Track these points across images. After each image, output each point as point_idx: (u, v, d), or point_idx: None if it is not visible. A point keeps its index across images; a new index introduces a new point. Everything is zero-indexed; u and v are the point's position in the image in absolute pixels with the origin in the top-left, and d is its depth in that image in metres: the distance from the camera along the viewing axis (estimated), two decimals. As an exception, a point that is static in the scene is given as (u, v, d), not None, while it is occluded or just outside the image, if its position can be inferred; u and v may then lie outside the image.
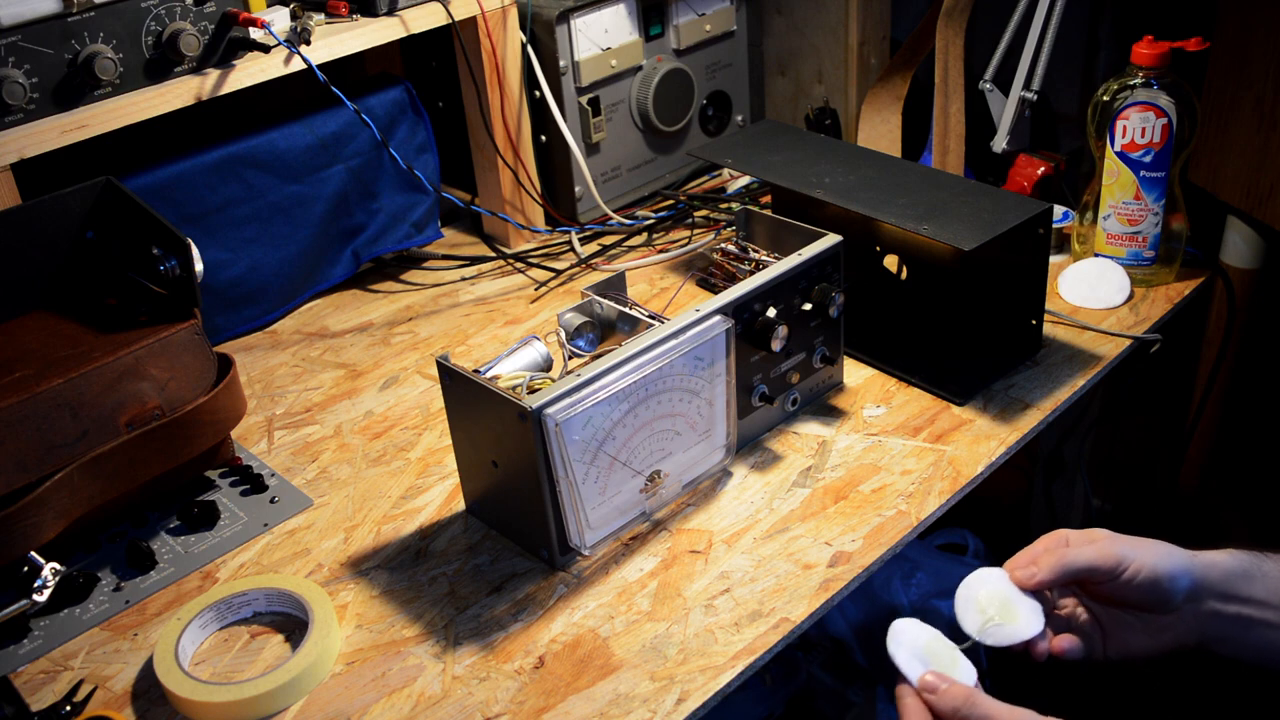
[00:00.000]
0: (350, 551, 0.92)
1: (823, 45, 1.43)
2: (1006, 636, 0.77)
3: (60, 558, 0.89)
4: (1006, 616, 0.78)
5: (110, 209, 0.99)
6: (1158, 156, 1.10)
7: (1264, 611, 0.81)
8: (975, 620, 0.78)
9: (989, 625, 0.78)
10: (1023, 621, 0.78)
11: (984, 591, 0.80)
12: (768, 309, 0.95)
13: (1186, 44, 1.08)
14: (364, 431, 1.07)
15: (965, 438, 0.98)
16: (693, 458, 0.93)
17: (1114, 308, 1.13)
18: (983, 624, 0.78)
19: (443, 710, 0.78)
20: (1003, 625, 0.78)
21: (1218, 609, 0.81)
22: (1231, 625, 0.82)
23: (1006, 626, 0.78)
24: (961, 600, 0.80)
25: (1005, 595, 0.79)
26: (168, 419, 0.91)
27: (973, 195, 1.03)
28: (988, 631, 0.78)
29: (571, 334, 0.96)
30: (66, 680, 0.82)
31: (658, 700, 0.77)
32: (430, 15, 1.19)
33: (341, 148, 1.24)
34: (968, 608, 0.79)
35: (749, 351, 0.96)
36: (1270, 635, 0.82)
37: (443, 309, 1.26)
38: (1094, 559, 0.80)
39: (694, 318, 0.89)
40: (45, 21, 0.97)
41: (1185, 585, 0.80)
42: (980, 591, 0.80)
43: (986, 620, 0.78)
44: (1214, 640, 0.82)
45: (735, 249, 1.11)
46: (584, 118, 1.35)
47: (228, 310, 1.21)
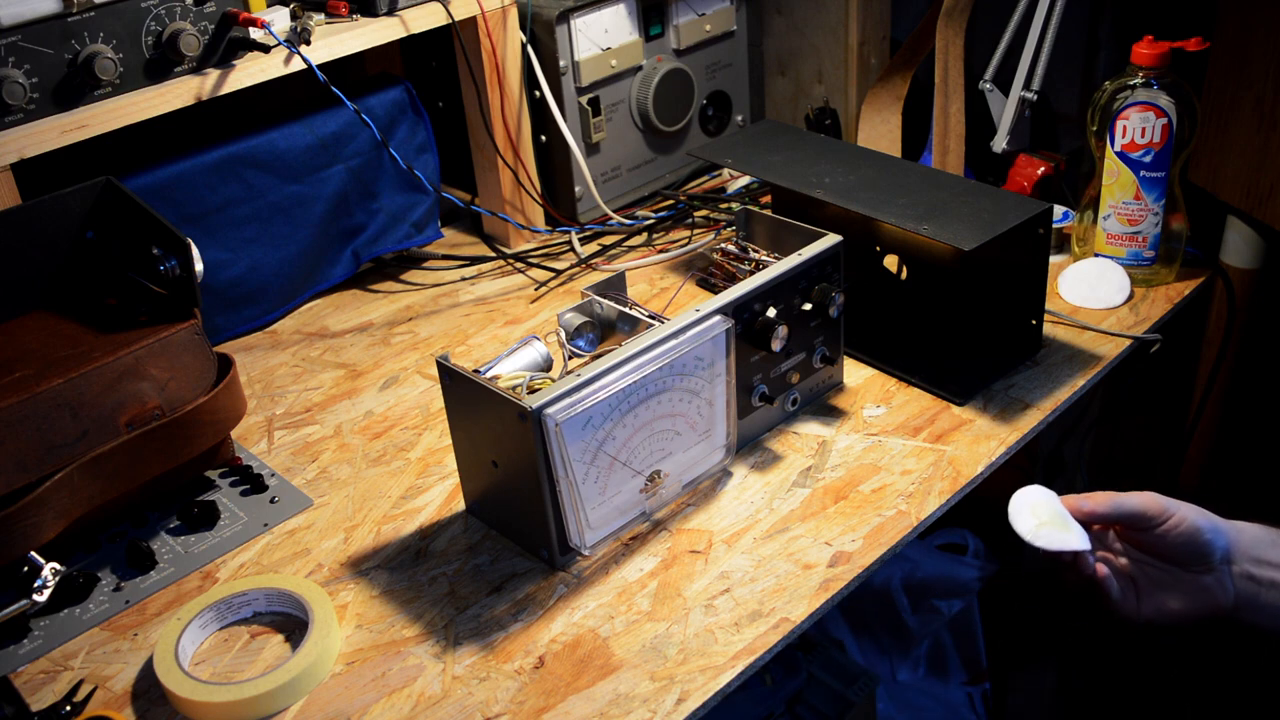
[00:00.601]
0: (350, 551, 0.92)
1: (823, 45, 1.43)
2: (1058, 542, 0.79)
3: (60, 558, 0.89)
4: (1058, 525, 0.80)
5: (110, 209, 0.99)
6: (1158, 156, 1.10)
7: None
8: (1029, 523, 0.80)
9: (1042, 528, 0.79)
10: (1074, 533, 0.79)
11: (1037, 500, 0.81)
12: (768, 309, 0.95)
13: (1186, 44, 1.08)
14: (364, 431, 1.07)
15: (965, 438, 0.98)
16: (693, 458, 0.93)
17: (1114, 308, 1.13)
18: (1035, 526, 0.79)
19: (443, 710, 0.78)
20: (1055, 531, 0.79)
21: (1251, 572, 0.84)
22: (1265, 590, 0.85)
23: (1059, 533, 0.79)
24: (1015, 506, 0.81)
25: (1056, 509, 0.81)
26: (168, 419, 0.91)
27: (973, 195, 1.03)
28: (1040, 534, 0.79)
29: (571, 334, 0.96)
30: (66, 680, 0.82)
31: (658, 700, 0.77)
32: (430, 15, 1.19)
33: (341, 148, 1.24)
34: (1021, 512, 0.81)
35: (749, 351, 0.96)
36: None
37: (443, 309, 1.26)
38: (1142, 503, 0.83)
39: (694, 318, 0.89)
40: (45, 21, 0.97)
41: (1222, 545, 0.83)
42: (1033, 500, 0.81)
43: (1040, 523, 0.79)
44: (1245, 607, 0.85)
45: (735, 249, 1.11)
46: (584, 118, 1.35)
47: (228, 310, 1.21)
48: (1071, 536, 0.79)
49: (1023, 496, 0.82)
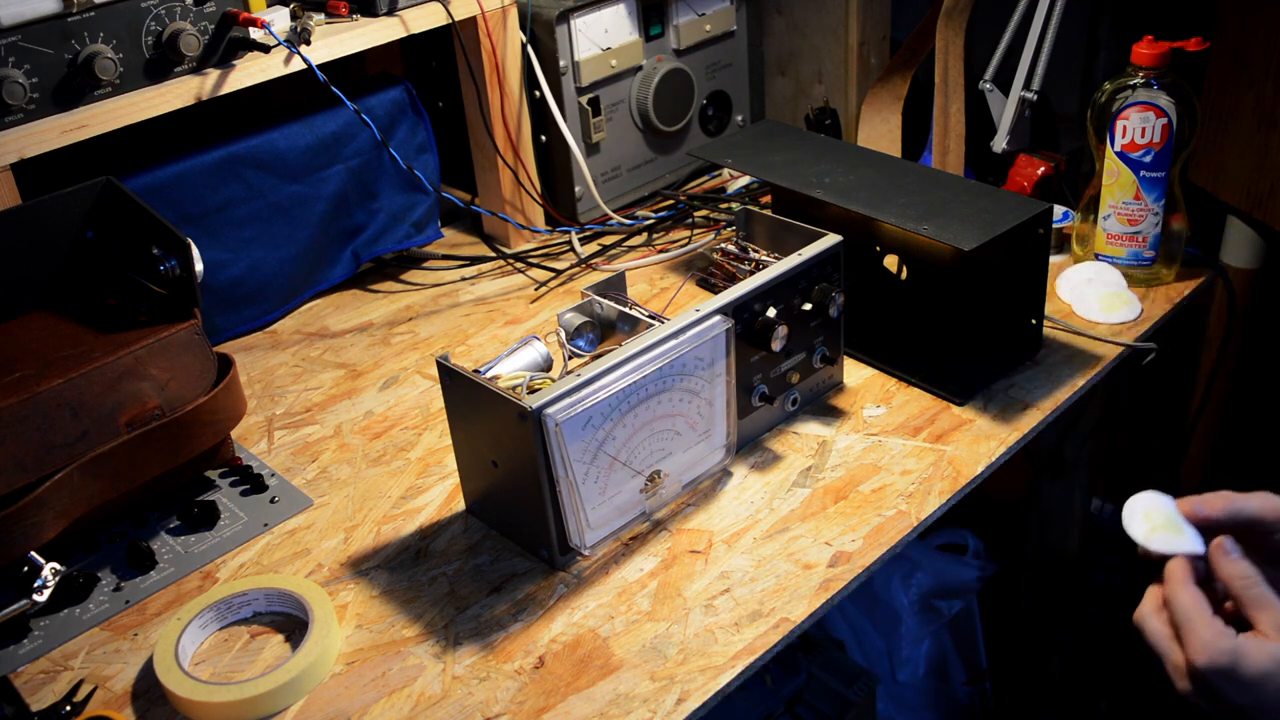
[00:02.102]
0: (350, 551, 0.92)
1: (823, 45, 1.43)
2: (1173, 545, 0.77)
3: (60, 558, 0.89)
4: (1172, 530, 0.78)
5: (110, 209, 0.99)
6: (1158, 156, 1.10)
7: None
8: (1141, 528, 0.78)
9: (1155, 532, 0.78)
10: (1188, 536, 0.78)
11: (1151, 505, 0.80)
12: (768, 309, 0.95)
13: (1186, 44, 1.08)
14: (364, 431, 1.07)
15: (965, 438, 0.98)
16: (693, 458, 0.93)
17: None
18: (1149, 531, 0.78)
19: (443, 710, 0.78)
20: (1169, 535, 0.78)
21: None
22: None
23: (1173, 537, 0.77)
24: (1129, 511, 0.80)
25: (1170, 514, 0.79)
26: (168, 419, 0.91)
27: (973, 195, 1.03)
28: (1154, 538, 0.77)
29: (571, 334, 0.96)
30: (66, 680, 0.82)
31: (658, 700, 0.77)
32: (430, 15, 1.19)
33: (341, 148, 1.24)
34: (1134, 517, 0.79)
35: (749, 351, 0.96)
36: None
37: (443, 309, 1.26)
38: (1261, 507, 0.79)
39: (694, 318, 0.89)
40: (45, 21, 0.97)
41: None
42: (1147, 505, 0.80)
43: (1153, 528, 0.78)
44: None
45: (735, 249, 1.11)
46: (584, 118, 1.35)
47: (228, 310, 1.21)
48: (1184, 540, 0.77)
49: (1137, 502, 0.81)
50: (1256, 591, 0.73)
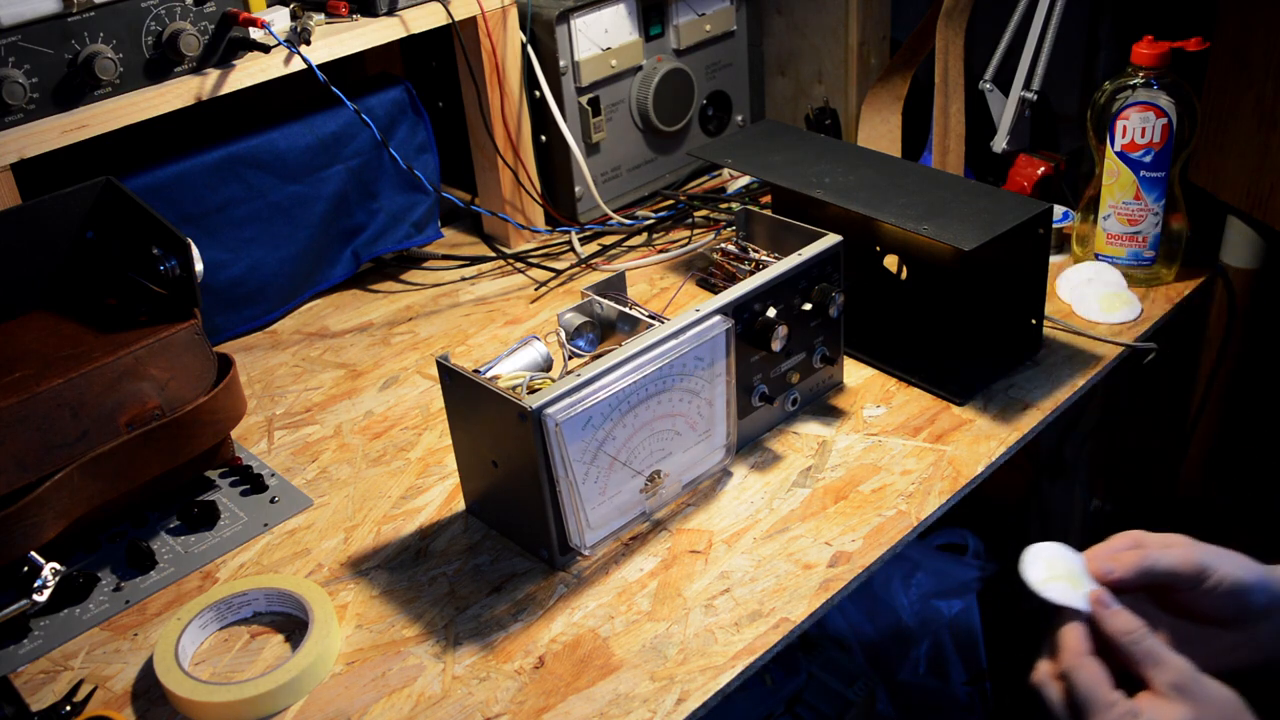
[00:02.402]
0: (350, 551, 0.92)
1: (823, 45, 1.43)
2: (1066, 598, 0.74)
3: (60, 558, 0.89)
4: (1070, 580, 0.76)
5: (110, 209, 0.99)
6: (1158, 156, 1.10)
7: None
8: (1039, 574, 0.76)
9: (1052, 581, 0.75)
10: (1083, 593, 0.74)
11: (1055, 555, 0.77)
12: (768, 309, 0.95)
13: (1186, 44, 1.08)
14: (364, 431, 1.07)
15: (965, 438, 0.98)
16: (693, 458, 0.93)
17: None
18: (1046, 579, 0.75)
19: (443, 710, 0.78)
20: (1065, 586, 0.75)
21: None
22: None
23: (1068, 589, 0.75)
24: (1030, 556, 0.77)
25: (1073, 567, 0.77)
26: (168, 419, 0.91)
27: (973, 195, 1.03)
28: (1049, 586, 0.75)
29: (571, 334, 0.96)
30: (66, 680, 0.82)
31: (658, 700, 0.77)
32: (430, 15, 1.19)
33: (341, 148, 1.24)
34: (1034, 563, 0.77)
35: (749, 351, 0.96)
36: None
37: (443, 309, 1.26)
38: (1176, 564, 0.76)
39: (694, 318, 0.89)
40: (45, 21, 0.97)
41: (1263, 601, 0.76)
42: (1051, 554, 0.77)
43: (1051, 576, 0.76)
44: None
45: (735, 249, 1.11)
46: (584, 118, 1.35)
47: (228, 310, 1.21)
48: (1079, 595, 0.74)
49: (1041, 549, 0.78)
50: (1145, 645, 0.70)
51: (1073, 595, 0.74)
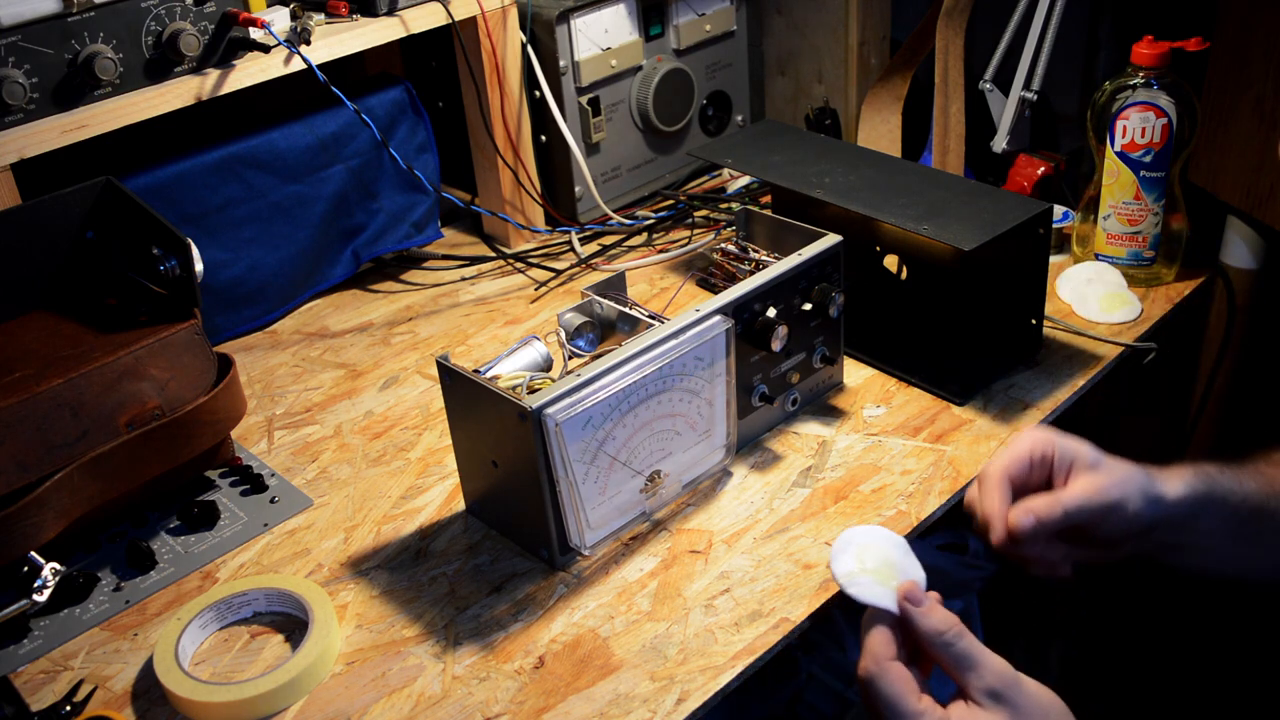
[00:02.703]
0: (350, 551, 0.92)
1: (823, 45, 1.43)
2: (872, 597, 0.70)
3: (60, 558, 0.89)
4: (881, 575, 0.72)
5: (110, 209, 0.99)
6: (1158, 156, 1.10)
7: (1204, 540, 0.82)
8: (847, 566, 0.72)
9: (861, 575, 0.71)
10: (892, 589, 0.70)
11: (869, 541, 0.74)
12: (768, 309, 0.95)
13: (1186, 44, 1.08)
14: (364, 431, 1.07)
15: (965, 438, 0.98)
16: (693, 458, 0.93)
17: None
18: (855, 571, 0.72)
19: (443, 710, 0.78)
20: (872, 583, 0.71)
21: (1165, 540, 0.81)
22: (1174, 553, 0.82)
23: (876, 586, 0.71)
24: (841, 542, 0.74)
25: (887, 557, 0.73)
26: (168, 419, 0.91)
27: (973, 195, 1.03)
28: (857, 580, 0.71)
29: (571, 334, 0.96)
30: (66, 680, 0.82)
31: (658, 700, 0.77)
32: (430, 15, 1.19)
33: (341, 148, 1.24)
34: (845, 551, 0.73)
35: (749, 351, 0.96)
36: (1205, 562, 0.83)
37: (443, 309, 1.26)
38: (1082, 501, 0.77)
39: (694, 318, 0.89)
40: (45, 21, 0.97)
41: (1149, 516, 0.79)
42: (865, 540, 0.74)
43: (860, 569, 0.72)
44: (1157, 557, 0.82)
45: (735, 249, 1.11)
46: (584, 118, 1.35)
47: (228, 310, 1.21)
48: (886, 593, 0.70)
49: (854, 534, 0.74)
50: (959, 648, 0.67)
51: (880, 593, 0.70)
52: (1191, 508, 0.80)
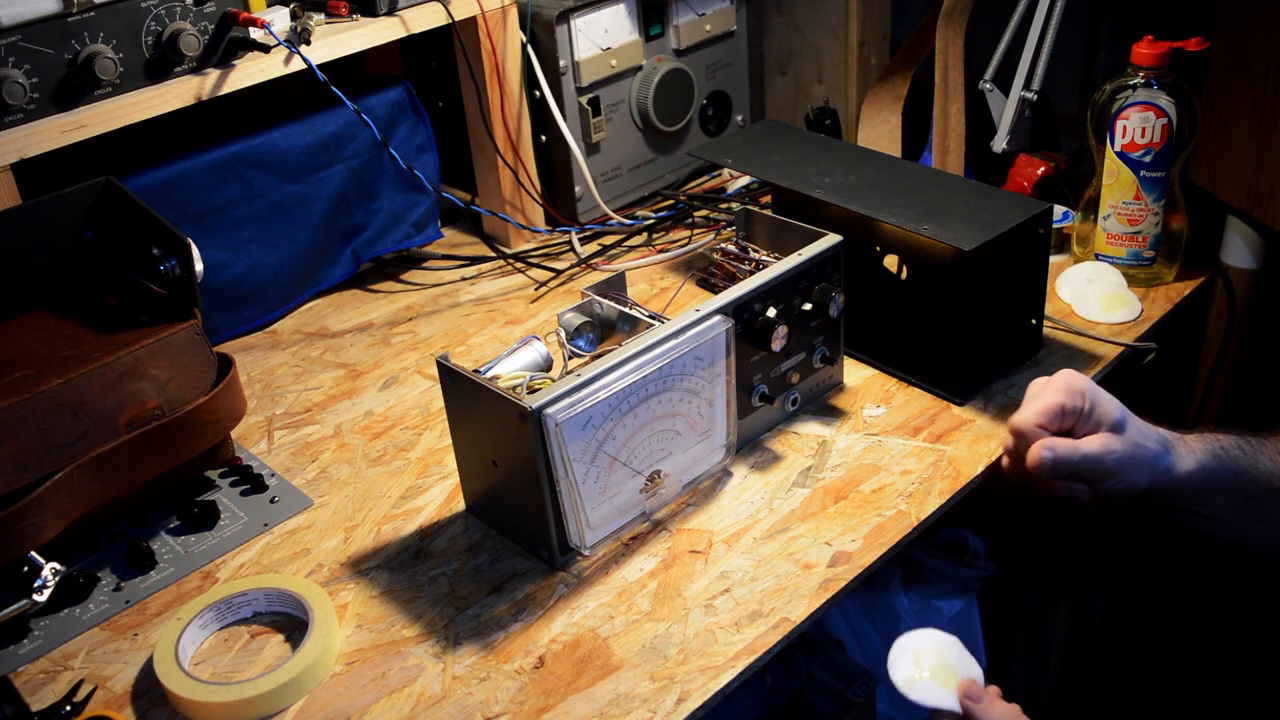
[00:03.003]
0: (350, 551, 0.92)
1: (823, 45, 1.43)
2: (934, 699, 0.76)
3: (60, 558, 0.89)
4: (940, 679, 0.77)
5: (110, 209, 0.99)
6: (1158, 156, 1.10)
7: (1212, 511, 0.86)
8: (906, 673, 0.77)
9: (919, 680, 0.77)
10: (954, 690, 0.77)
11: (924, 646, 0.79)
12: (768, 309, 0.95)
13: (1186, 44, 1.08)
14: (364, 431, 1.07)
15: (965, 438, 0.98)
16: (693, 458, 0.93)
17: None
18: (912, 678, 0.77)
19: (443, 710, 0.78)
20: (933, 686, 0.77)
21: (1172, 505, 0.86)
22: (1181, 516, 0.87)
23: (936, 689, 0.76)
24: (899, 649, 0.79)
25: (944, 659, 0.78)
26: (168, 419, 0.91)
27: (973, 195, 1.03)
28: (916, 686, 0.77)
29: (571, 334, 0.96)
30: (66, 680, 0.82)
31: (658, 700, 0.77)
32: (430, 15, 1.19)
33: (341, 148, 1.24)
34: (902, 658, 0.78)
35: (749, 351, 0.96)
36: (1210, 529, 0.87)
37: (443, 309, 1.26)
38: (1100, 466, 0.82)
39: (694, 318, 0.89)
40: (45, 21, 0.97)
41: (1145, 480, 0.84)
42: (920, 645, 0.79)
43: (918, 674, 0.77)
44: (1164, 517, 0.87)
45: (735, 249, 1.11)
46: (584, 118, 1.35)
47: (228, 310, 1.21)
48: (948, 695, 0.76)
49: (911, 639, 0.79)
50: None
51: (941, 695, 0.75)
52: (1203, 482, 0.84)
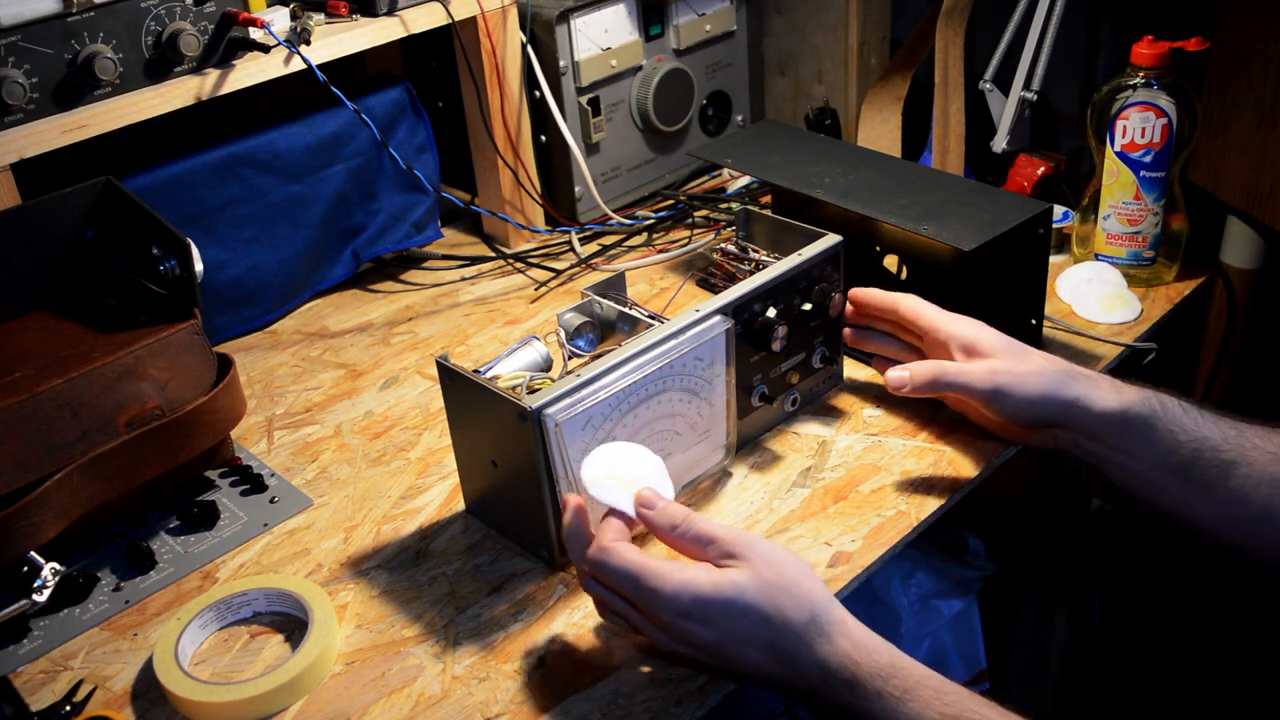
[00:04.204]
0: (350, 551, 0.92)
1: (823, 45, 1.43)
2: (612, 498, 0.77)
3: (60, 558, 0.89)
4: (623, 483, 0.78)
5: (110, 209, 0.99)
6: (1158, 156, 1.10)
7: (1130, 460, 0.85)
8: (592, 471, 0.79)
9: (600, 480, 0.78)
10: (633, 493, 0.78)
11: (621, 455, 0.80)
12: (768, 309, 0.95)
13: (1186, 44, 1.08)
14: (364, 431, 1.07)
15: (965, 438, 0.98)
16: (693, 458, 0.93)
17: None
18: (596, 478, 0.78)
19: (443, 710, 0.78)
20: (614, 487, 0.78)
21: (1084, 445, 0.87)
22: (1099, 461, 0.87)
23: (617, 491, 0.78)
24: (599, 452, 0.80)
25: (640, 473, 0.79)
26: (168, 419, 0.91)
27: (973, 195, 1.03)
28: (596, 484, 0.78)
29: (571, 334, 0.96)
30: (66, 680, 0.82)
31: (658, 701, 0.77)
32: (430, 15, 1.19)
33: (341, 148, 1.24)
34: (599, 458, 0.80)
35: (749, 352, 0.96)
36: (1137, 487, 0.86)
37: (443, 309, 1.26)
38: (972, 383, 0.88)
39: (694, 318, 0.89)
40: (45, 21, 0.97)
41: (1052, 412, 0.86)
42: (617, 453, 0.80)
43: (608, 475, 0.78)
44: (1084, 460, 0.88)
45: (735, 249, 1.11)
46: (584, 118, 1.35)
47: (228, 310, 1.21)
48: (627, 498, 0.77)
49: (613, 447, 0.81)
50: (694, 533, 0.74)
51: (621, 497, 0.77)
52: (1121, 423, 0.84)
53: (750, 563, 0.72)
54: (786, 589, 0.71)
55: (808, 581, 0.73)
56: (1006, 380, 0.87)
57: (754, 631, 0.71)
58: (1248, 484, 0.81)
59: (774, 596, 0.71)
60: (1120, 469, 0.86)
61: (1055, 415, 0.86)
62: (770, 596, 0.71)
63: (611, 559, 0.73)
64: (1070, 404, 0.85)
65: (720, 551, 0.73)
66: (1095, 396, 0.85)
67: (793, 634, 0.71)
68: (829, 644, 0.71)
